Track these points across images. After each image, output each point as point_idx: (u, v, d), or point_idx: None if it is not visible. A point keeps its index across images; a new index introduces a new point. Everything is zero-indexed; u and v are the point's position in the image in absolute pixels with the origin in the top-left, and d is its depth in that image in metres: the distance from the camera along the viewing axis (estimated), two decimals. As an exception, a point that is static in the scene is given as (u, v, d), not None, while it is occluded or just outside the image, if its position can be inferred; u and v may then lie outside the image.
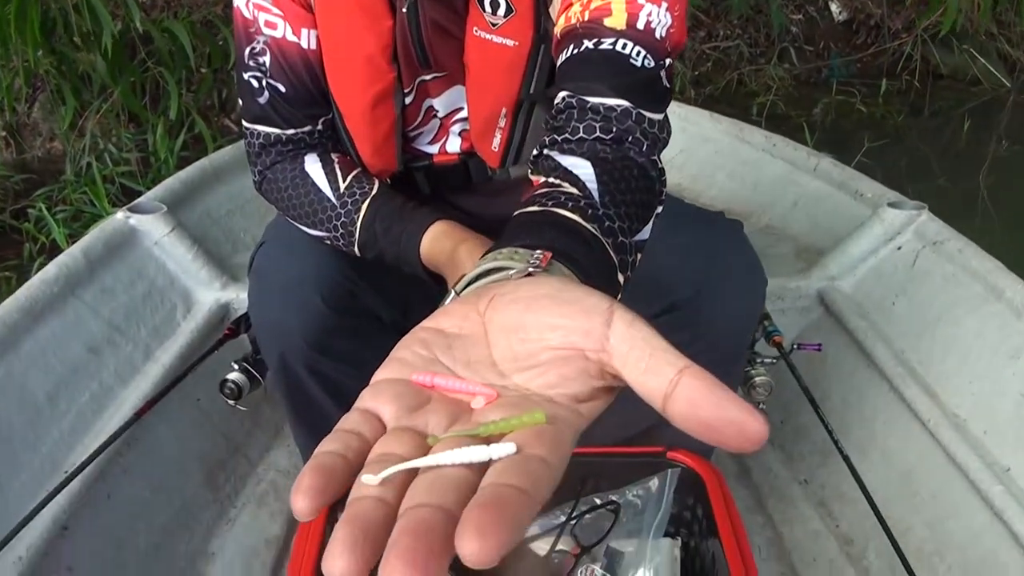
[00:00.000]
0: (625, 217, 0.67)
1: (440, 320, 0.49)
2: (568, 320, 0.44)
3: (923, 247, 1.61)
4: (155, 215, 1.63)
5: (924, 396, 1.40)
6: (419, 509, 0.35)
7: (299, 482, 0.37)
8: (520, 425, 0.40)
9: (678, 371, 0.39)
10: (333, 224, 1.08)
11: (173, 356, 1.49)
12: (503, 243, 0.59)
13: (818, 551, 1.43)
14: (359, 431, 0.41)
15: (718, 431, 0.38)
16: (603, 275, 0.61)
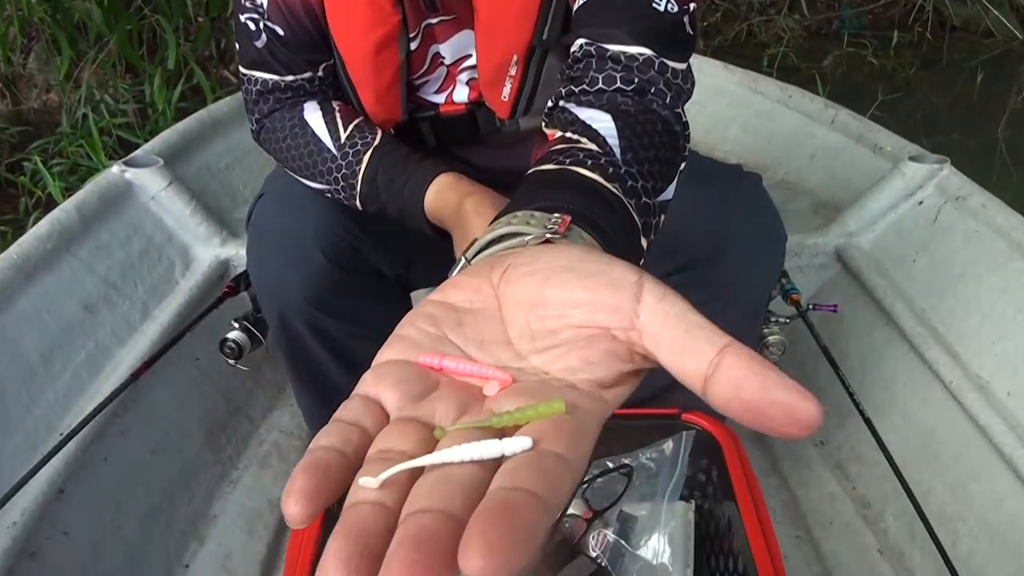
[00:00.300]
0: (648, 176, 0.62)
1: (449, 293, 0.45)
2: (592, 295, 0.39)
3: (945, 202, 1.56)
4: (152, 169, 1.58)
5: (946, 356, 1.36)
6: (421, 515, 0.31)
7: (291, 484, 0.33)
8: (537, 416, 0.35)
9: (718, 350, 0.35)
10: (333, 176, 1.03)
11: (171, 314, 1.44)
12: (517, 205, 0.54)
13: (834, 514, 1.40)
14: (359, 422, 0.37)
15: (765, 416, 0.33)
16: (625, 240, 0.56)
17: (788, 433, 0.33)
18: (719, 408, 0.35)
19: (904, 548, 1.31)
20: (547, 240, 0.48)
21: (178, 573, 1.27)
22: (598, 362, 0.39)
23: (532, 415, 0.35)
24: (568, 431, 0.35)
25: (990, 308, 1.36)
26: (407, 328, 0.43)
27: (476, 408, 0.38)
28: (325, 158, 1.03)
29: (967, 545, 1.22)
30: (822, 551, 1.34)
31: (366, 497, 0.32)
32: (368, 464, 0.34)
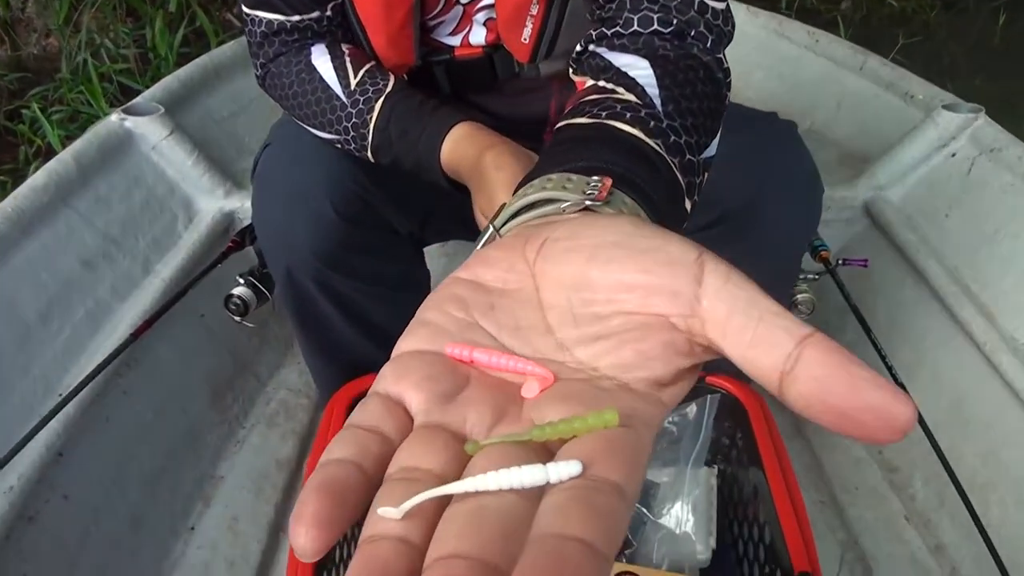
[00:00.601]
0: (692, 130, 0.55)
1: (479, 270, 0.39)
2: (647, 276, 0.34)
3: (979, 154, 1.49)
4: (152, 117, 1.52)
5: (979, 317, 1.30)
6: (453, 563, 0.26)
7: (301, 508, 0.28)
8: (586, 429, 0.30)
9: (797, 342, 0.30)
10: (343, 126, 0.96)
11: (174, 270, 1.39)
12: (549, 164, 0.48)
13: (860, 479, 1.36)
14: (379, 428, 0.32)
15: (854, 420, 0.28)
16: (669, 204, 0.50)
17: (877, 439, 0.28)
18: (798, 410, 0.30)
19: (931, 515, 1.27)
20: (586, 207, 0.42)
21: (183, 536, 1.23)
22: (656, 357, 0.33)
23: (580, 428, 0.30)
24: (624, 451, 0.30)
25: (1027, 266, 1.30)
26: (432, 312, 0.38)
27: (513, 413, 0.33)
28: (334, 106, 0.96)
29: (998, 513, 1.18)
30: (847, 517, 1.30)
31: (387, 530, 0.28)
32: (389, 485, 0.30)
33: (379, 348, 1.17)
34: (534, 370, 0.34)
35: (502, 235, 0.45)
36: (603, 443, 0.30)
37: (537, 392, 0.34)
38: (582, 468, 0.28)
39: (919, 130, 1.57)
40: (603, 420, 0.30)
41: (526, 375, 0.35)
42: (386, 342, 1.22)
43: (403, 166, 0.96)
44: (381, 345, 1.17)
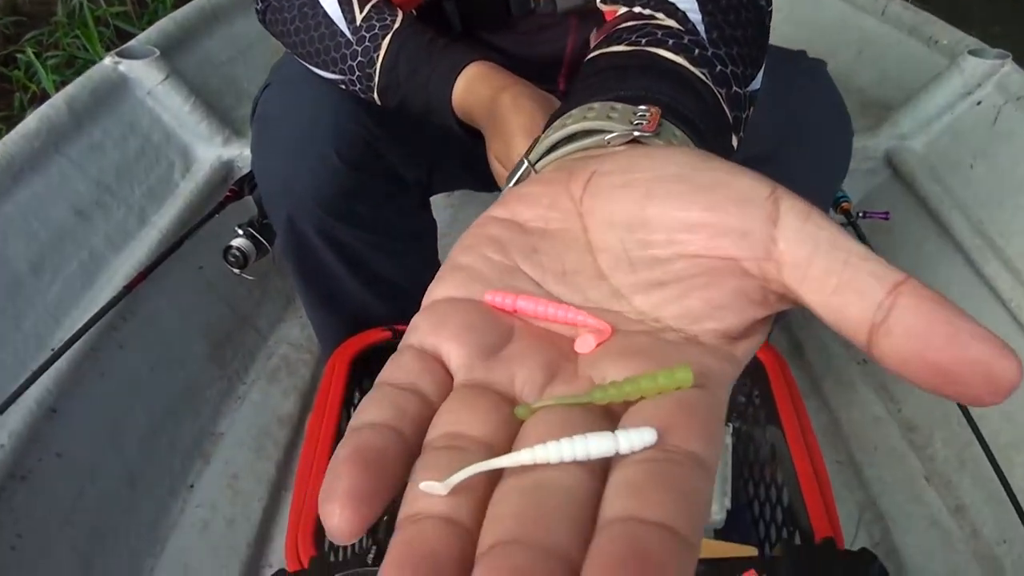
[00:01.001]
0: (739, 59, 0.50)
1: (516, 208, 0.35)
2: (714, 214, 0.29)
3: (1005, 102, 1.43)
4: (147, 61, 1.46)
5: (1005, 272, 1.25)
6: (512, 550, 0.22)
7: (333, 483, 0.24)
8: (656, 389, 0.26)
9: (890, 289, 0.26)
10: (348, 64, 0.90)
11: (171, 220, 1.34)
12: (585, 95, 0.42)
13: (879, 438, 1.32)
14: (416, 386, 0.28)
15: (956, 378, 0.24)
16: (718, 139, 0.45)
17: (979, 400, 0.25)
18: (891, 367, 0.26)
19: (952, 476, 1.24)
20: (634, 140, 0.37)
21: (182, 494, 1.20)
22: (726, 306, 0.30)
23: (649, 388, 0.26)
24: (702, 415, 0.26)
25: (1056, 220, 1.25)
26: (466, 255, 0.33)
27: (568, 371, 0.29)
28: (339, 43, 0.89)
29: (1022, 474, 1.14)
30: (865, 477, 1.27)
31: (432, 508, 0.24)
32: (430, 454, 0.26)
33: (384, 301, 1.13)
34: (588, 321, 0.31)
35: (538, 171, 0.40)
36: (677, 407, 0.26)
37: (593, 346, 0.30)
38: (657, 436, 0.25)
39: (943, 77, 1.51)
40: (675, 379, 0.27)
41: (579, 327, 0.31)
42: (391, 295, 1.17)
43: (411, 109, 0.90)
44: (386, 298, 1.13)
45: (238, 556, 1.13)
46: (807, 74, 0.98)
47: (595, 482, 0.24)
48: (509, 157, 0.78)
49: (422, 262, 1.19)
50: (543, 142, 0.41)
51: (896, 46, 1.74)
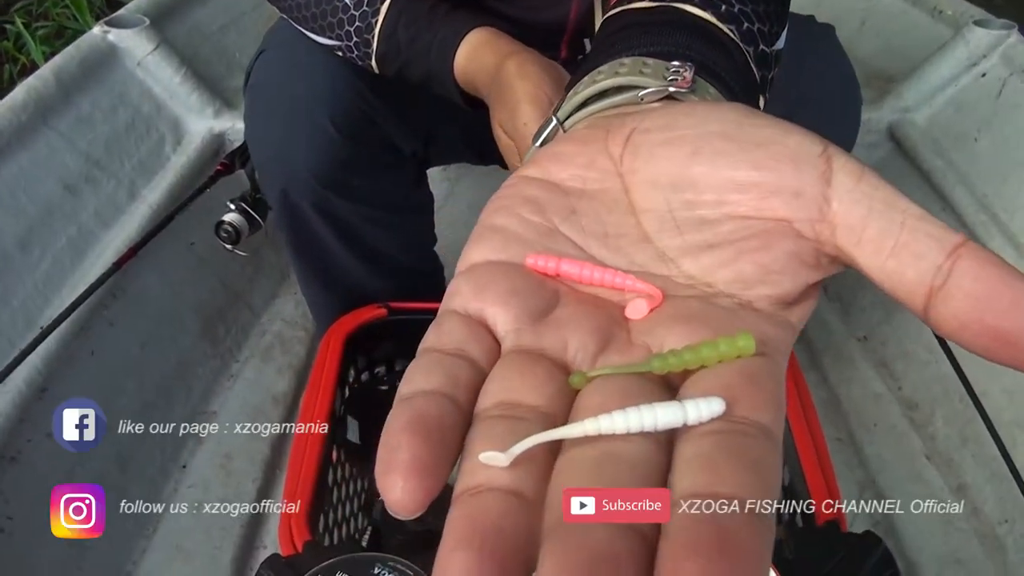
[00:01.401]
0: (765, 17, 0.48)
1: (550, 167, 0.33)
2: (764, 173, 0.28)
3: (1011, 74, 1.41)
4: (137, 30, 1.42)
5: (1009, 248, 1.23)
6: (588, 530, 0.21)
7: (390, 454, 0.23)
8: (718, 357, 0.26)
9: (949, 251, 0.25)
10: (345, 30, 0.86)
11: (162, 194, 1.31)
12: (612, 50, 0.41)
13: (879, 415, 1.31)
14: (465, 352, 0.27)
15: (1016, 344, 0.24)
16: (748, 99, 0.43)
17: None
18: (949, 333, 0.25)
19: (954, 454, 1.22)
20: (670, 96, 0.36)
21: (174, 474, 1.19)
22: (780, 270, 0.29)
23: (710, 356, 0.26)
24: (765, 384, 0.25)
25: (1062, 195, 1.23)
26: (502, 216, 0.32)
27: (621, 338, 0.28)
28: (335, 7, 0.86)
29: (1026, 453, 1.13)
30: (865, 455, 1.26)
31: (494, 481, 0.23)
32: (486, 423, 0.25)
33: (380, 276, 1.11)
34: (637, 285, 0.29)
35: (567, 129, 0.39)
36: (741, 376, 0.25)
37: (646, 312, 0.29)
38: (725, 407, 0.24)
39: (947, 48, 1.49)
40: (737, 347, 0.26)
41: (627, 291, 0.30)
42: (388, 270, 1.14)
43: (411, 77, 0.87)
44: (382, 273, 1.11)
45: (232, 537, 1.12)
46: (817, 39, 0.96)
47: (661, 454, 0.24)
48: (514, 125, 0.75)
49: (419, 236, 1.17)
50: (572, 99, 0.39)
51: (900, 16, 1.71)
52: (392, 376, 1.09)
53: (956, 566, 1.12)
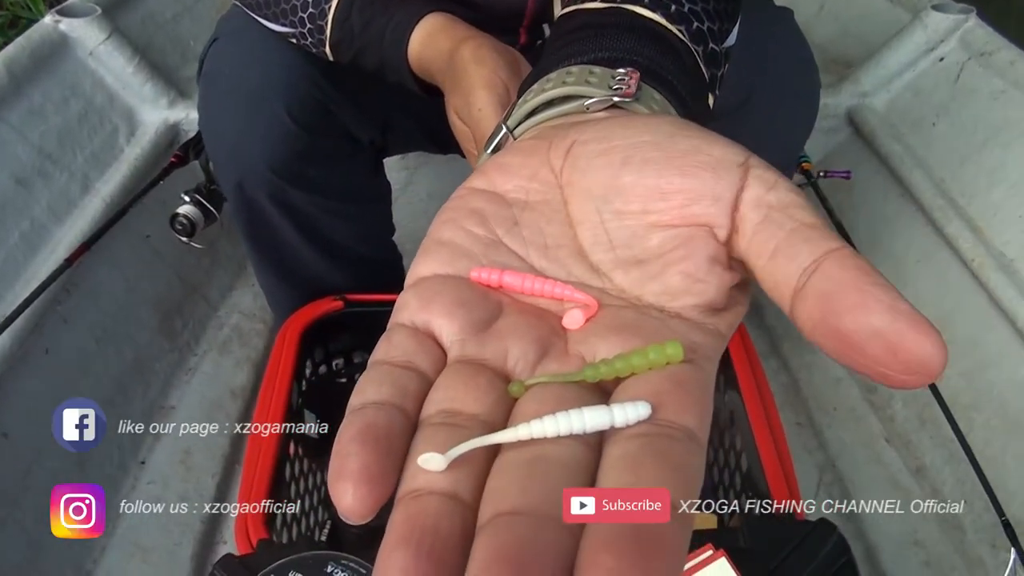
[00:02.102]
0: (715, 15, 0.49)
1: (496, 179, 0.35)
2: (687, 180, 0.30)
3: (968, 59, 1.41)
4: (89, 19, 1.40)
5: (967, 231, 1.24)
6: (514, 521, 0.22)
7: (342, 462, 0.24)
8: (646, 365, 0.27)
9: (818, 256, 0.26)
10: (299, 16, 0.85)
11: (116, 187, 1.29)
12: (563, 55, 0.43)
13: (838, 399, 1.32)
14: (413, 363, 0.28)
15: (858, 348, 0.24)
16: (697, 100, 0.45)
17: (888, 378, 0.24)
18: (807, 334, 0.26)
19: (912, 436, 1.24)
20: (614, 105, 0.38)
21: (133, 470, 1.17)
22: (703, 278, 0.30)
23: (640, 364, 0.27)
24: (692, 389, 0.27)
25: (1018, 178, 1.24)
26: (449, 230, 0.33)
27: (559, 347, 0.30)
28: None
29: (983, 435, 1.14)
30: (824, 438, 1.27)
31: (433, 484, 0.24)
32: (429, 430, 0.26)
33: (338, 267, 1.10)
34: (575, 295, 0.31)
35: (517, 136, 0.40)
36: (669, 382, 0.27)
37: (582, 322, 0.30)
38: (651, 411, 0.25)
39: (905, 32, 1.49)
40: (666, 355, 0.27)
41: (566, 301, 0.31)
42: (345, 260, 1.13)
43: (366, 64, 0.86)
44: (340, 264, 1.10)
45: (192, 532, 1.11)
46: (775, 21, 0.96)
47: (590, 455, 0.25)
48: (470, 112, 0.74)
49: (376, 226, 1.16)
50: (521, 107, 0.40)
51: (858, 1, 1.72)
52: (351, 368, 1.08)
53: (915, 547, 1.13)
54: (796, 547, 0.72)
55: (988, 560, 1.08)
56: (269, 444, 0.85)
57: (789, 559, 0.72)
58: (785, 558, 0.72)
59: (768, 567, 0.71)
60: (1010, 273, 1.17)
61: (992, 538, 1.09)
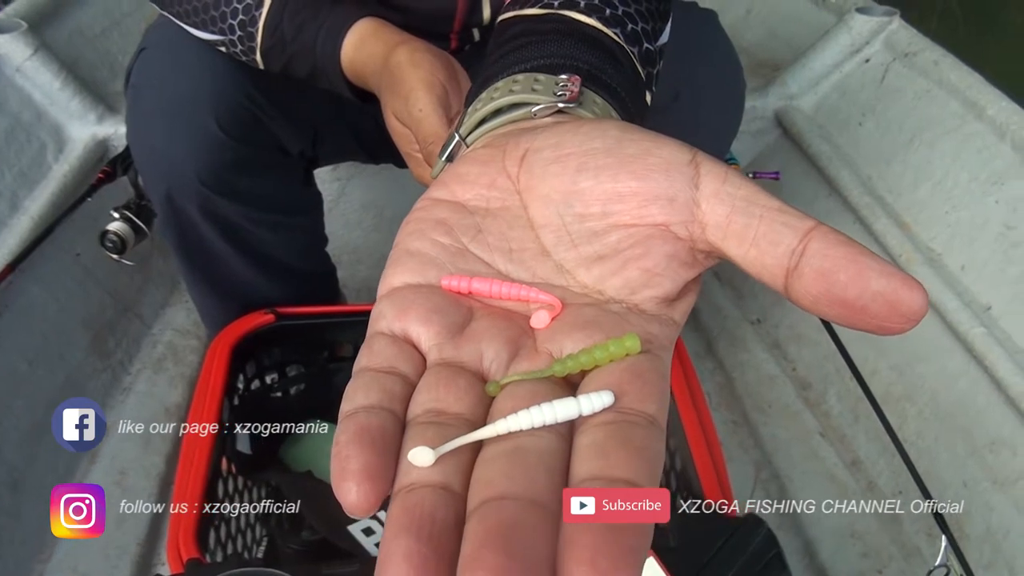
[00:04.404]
0: (648, 15, 0.51)
1: (456, 189, 0.37)
2: (642, 183, 0.32)
3: (893, 60, 1.44)
4: (14, 34, 1.37)
5: (895, 228, 1.27)
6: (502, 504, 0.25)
7: (343, 464, 0.26)
8: (608, 358, 0.30)
9: (802, 236, 0.29)
10: (228, 23, 0.83)
11: (44, 205, 1.27)
12: (507, 63, 0.45)
13: (773, 397, 1.33)
14: (396, 368, 0.31)
15: (864, 311, 0.28)
16: (635, 99, 0.47)
17: (889, 329, 0.28)
18: (807, 307, 0.30)
19: (847, 430, 1.26)
20: (560, 111, 0.40)
21: (68, 493, 1.15)
22: (661, 272, 0.33)
23: (602, 358, 0.30)
24: (650, 378, 0.29)
25: (942, 175, 1.27)
26: (416, 241, 0.35)
27: (528, 346, 0.32)
28: (217, 0, 0.84)
29: (915, 427, 1.17)
30: (760, 435, 1.28)
31: (426, 478, 0.27)
32: (415, 429, 0.29)
33: (270, 279, 1.09)
34: (540, 296, 0.33)
35: (469, 144, 0.42)
36: (629, 372, 0.29)
37: (548, 322, 0.33)
38: (614, 399, 0.28)
39: (831, 35, 1.52)
40: (624, 347, 0.30)
41: (532, 302, 0.34)
42: (277, 272, 1.12)
43: (297, 71, 0.85)
44: (272, 276, 1.09)
45: (129, 555, 1.09)
46: (699, 23, 0.97)
47: (564, 443, 0.28)
48: (409, 112, 0.74)
49: (308, 238, 1.16)
50: (472, 116, 0.42)
51: (784, 4, 1.75)
52: (285, 382, 1.07)
53: (853, 539, 1.15)
54: (724, 543, 0.73)
55: (925, 549, 1.10)
56: (200, 462, 0.84)
57: (718, 555, 0.73)
58: (714, 555, 0.72)
59: (698, 564, 0.71)
60: (937, 267, 1.20)
61: (928, 527, 1.12)
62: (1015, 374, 1.04)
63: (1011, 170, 1.19)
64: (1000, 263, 1.15)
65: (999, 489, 1.05)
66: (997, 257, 1.15)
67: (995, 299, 1.13)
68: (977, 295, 1.14)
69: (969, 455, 1.10)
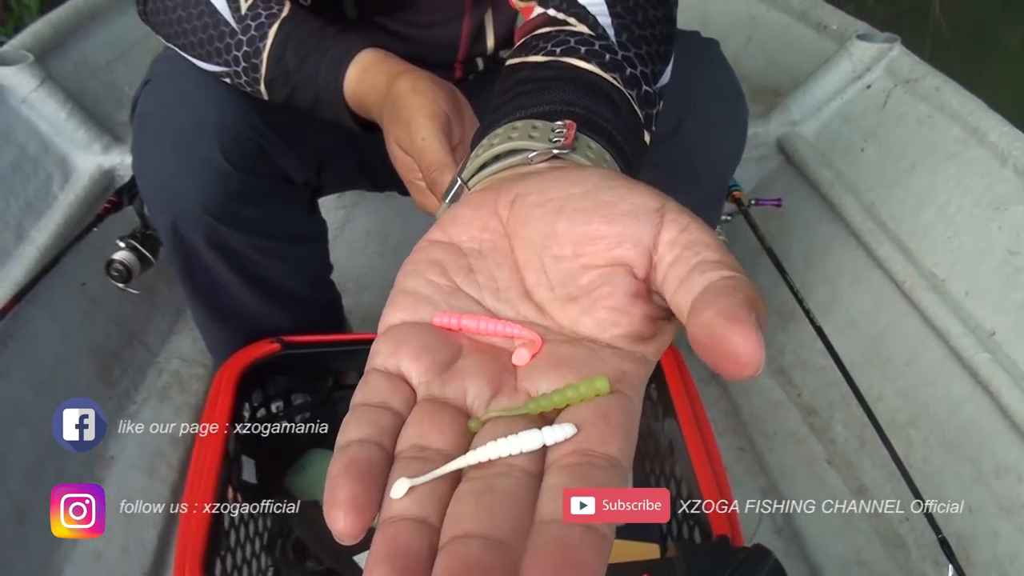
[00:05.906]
0: (648, 59, 0.53)
1: (452, 231, 0.40)
2: (611, 227, 0.35)
3: (895, 86, 1.45)
4: (20, 66, 1.38)
5: (897, 253, 1.27)
6: (467, 542, 0.27)
7: (333, 494, 0.29)
8: (579, 397, 0.32)
9: (708, 283, 0.31)
10: (233, 55, 0.84)
11: (50, 235, 1.28)
12: (510, 109, 0.47)
13: (778, 423, 1.33)
14: (388, 404, 0.33)
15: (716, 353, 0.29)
16: (631, 141, 0.49)
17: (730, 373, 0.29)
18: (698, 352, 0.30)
19: (852, 457, 1.25)
20: (554, 156, 0.43)
21: (73, 523, 1.15)
22: (627, 311, 0.35)
23: (573, 397, 0.32)
24: (616, 420, 0.31)
25: (945, 201, 1.27)
26: (413, 280, 0.38)
27: (509, 383, 0.35)
28: (223, 32, 0.83)
29: (921, 453, 1.17)
30: (766, 462, 1.28)
31: (406, 512, 0.29)
32: (400, 463, 0.31)
33: (275, 308, 1.09)
34: (522, 333, 0.36)
35: (471, 187, 0.45)
36: (595, 414, 0.31)
37: (528, 359, 0.35)
38: (576, 430, 0.30)
39: (832, 62, 1.53)
40: (594, 388, 0.32)
41: (515, 338, 0.36)
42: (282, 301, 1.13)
43: (301, 102, 0.85)
44: (278, 304, 1.09)
45: (135, 587, 1.09)
46: (701, 53, 0.98)
47: (534, 482, 0.30)
48: (412, 140, 0.75)
49: (313, 266, 1.16)
50: (473, 161, 0.45)
51: (785, 32, 1.76)
52: (290, 411, 1.07)
53: (859, 567, 1.15)
54: (731, 574, 0.73)
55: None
56: (206, 492, 0.84)
57: (726, 586, 0.72)
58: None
59: (705, 595, 0.71)
60: (941, 292, 1.20)
61: (935, 555, 1.11)
62: (1021, 400, 1.04)
63: (1014, 195, 1.19)
64: (1004, 288, 1.15)
65: (1005, 515, 1.05)
66: (1000, 282, 1.15)
67: (999, 325, 1.13)
68: (981, 321, 1.14)
69: (975, 481, 1.10)
